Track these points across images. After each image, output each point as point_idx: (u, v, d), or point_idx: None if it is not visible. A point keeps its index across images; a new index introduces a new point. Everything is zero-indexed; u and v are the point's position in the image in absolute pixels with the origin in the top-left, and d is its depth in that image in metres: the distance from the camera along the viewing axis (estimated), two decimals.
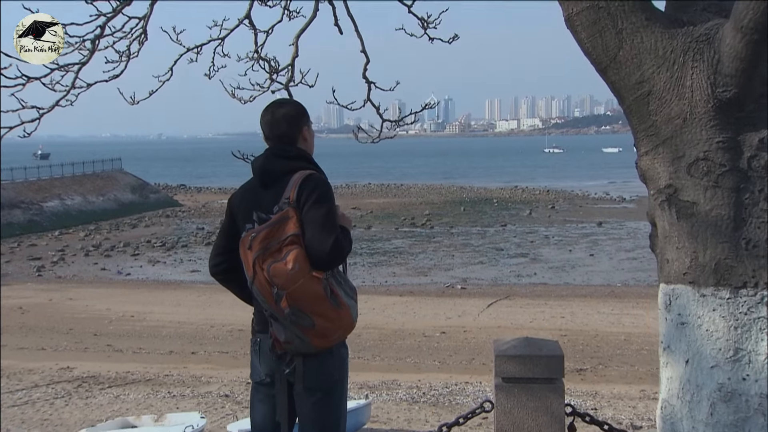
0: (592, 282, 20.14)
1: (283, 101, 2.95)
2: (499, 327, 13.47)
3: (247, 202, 2.74)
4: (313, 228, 2.54)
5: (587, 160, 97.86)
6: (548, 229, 31.09)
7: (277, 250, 2.54)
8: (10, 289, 17.78)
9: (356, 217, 36.21)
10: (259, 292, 2.57)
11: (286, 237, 2.54)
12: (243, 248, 2.62)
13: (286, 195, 2.61)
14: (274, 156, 2.74)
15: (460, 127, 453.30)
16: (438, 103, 4.62)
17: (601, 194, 46.92)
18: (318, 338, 2.57)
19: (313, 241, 2.53)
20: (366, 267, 22.83)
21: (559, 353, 3.41)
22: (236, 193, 2.85)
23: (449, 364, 10.48)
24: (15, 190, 35.31)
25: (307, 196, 2.59)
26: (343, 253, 2.61)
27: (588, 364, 10.59)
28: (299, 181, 2.62)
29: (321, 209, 2.57)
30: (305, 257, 2.52)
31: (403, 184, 57.31)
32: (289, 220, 2.56)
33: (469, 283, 19.82)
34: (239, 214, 2.75)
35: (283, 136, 2.79)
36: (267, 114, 2.82)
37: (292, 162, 2.71)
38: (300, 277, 2.50)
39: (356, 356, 10.68)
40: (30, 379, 7.90)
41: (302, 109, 2.86)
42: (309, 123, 2.88)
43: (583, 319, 14.19)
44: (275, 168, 2.71)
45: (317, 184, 2.62)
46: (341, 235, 2.60)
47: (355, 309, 2.68)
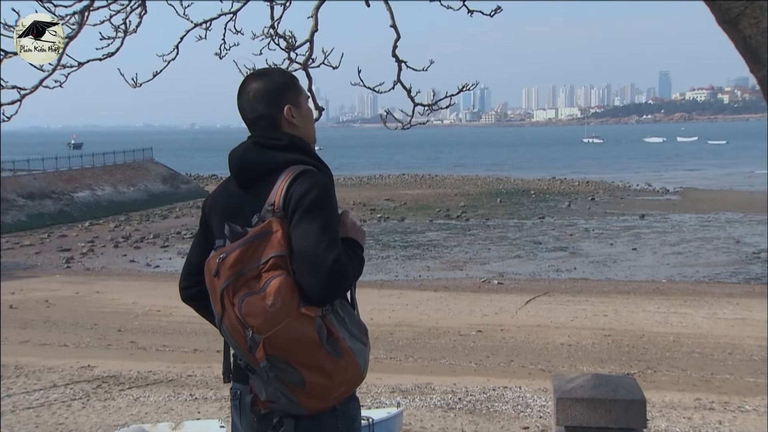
0: (635, 277, 19.33)
1: (259, 72, 2.17)
2: (538, 326, 12.89)
3: (222, 209, 2.07)
4: (304, 246, 1.85)
5: (628, 151, 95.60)
6: (588, 222, 30.20)
7: (254, 277, 1.86)
8: (38, 281, 17.78)
9: (390, 208, 35.74)
10: (230, 336, 1.90)
11: (266, 260, 1.86)
12: (208, 275, 1.94)
13: (271, 200, 1.93)
14: (256, 146, 2.04)
15: (496, 116, 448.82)
16: (477, 84, 4.02)
17: (644, 186, 45.58)
18: (311, 399, 1.88)
19: (304, 265, 1.84)
20: (399, 260, 22.34)
21: (640, 396, 2.71)
22: (210, 195, 2.18)
23: (486, 366, 9.94)
24: (46, 180, 35.65)
25: (298, 201, 1.89)
26: (347, 280, 1.89)
27: (635, 367, 9.94)
28: (288, 181, 1.94)
29: (315, 220, 1.87)
30: (292, 288, 1.84)
31: (438, 175, 56.55)
32: (271, 236, 1.88)
33: (506, 278, 19.20)
34: (213, 223, 2.09)
35: (260, 119, 2.08)
36: (239, 91, 2.12)
37: (281, 154, 2.00)
38: (283, 317, 1.81)
39: (389, 357, 10.24)
40: (49, 379, 7.61)
41: (283, 81, 2.12)
42: (298, 99, 2.12)
43: (627, 318, 13.52)
44: (257, 162, 2.01)
45: (313, 184, 1.91)
46: (345, 255, 1.90)
47: (364, 355, 1.96)
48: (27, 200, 32.75)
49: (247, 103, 2.09)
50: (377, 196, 41.56)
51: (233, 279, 1.86)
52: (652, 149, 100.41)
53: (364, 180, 54.13)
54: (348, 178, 55.83)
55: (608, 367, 9.99)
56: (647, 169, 61.08)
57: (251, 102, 2.07)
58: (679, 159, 76.01)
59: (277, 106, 2.07)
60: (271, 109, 2.06)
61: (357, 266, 1.98)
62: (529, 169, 63.23)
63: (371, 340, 2.09)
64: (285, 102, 2.08)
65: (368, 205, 36.84)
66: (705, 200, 36.84)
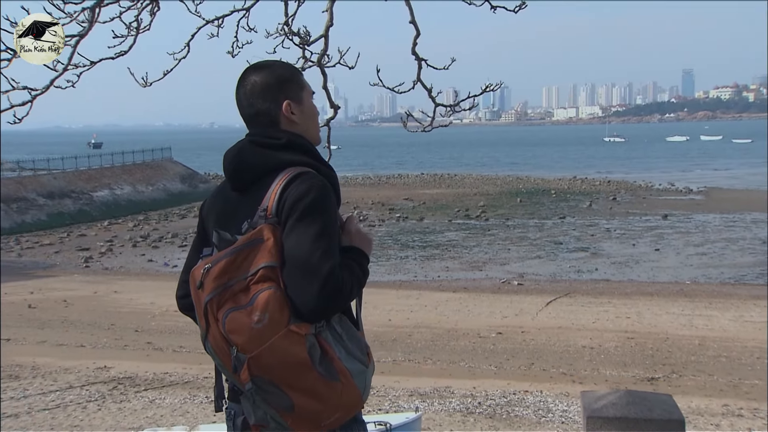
0: (658, 279, 19.01)
1: (259, 64, 1.98)
2: (559, 327, 12.68)
3: (216, 214, 1.93)
4: (296, 255, 1.69)
5: (651, 150, 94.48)
6: (610, 222, 29.81)
7: (242, 290, 1.70)
8: (56, 281, 17.90)
9: (408, 208, 35.58)
10: (215, 354, 1.76)
11: (255, 270, 1.69)
12: (192, 286, 1.79)
13: (264, 204, 1.77)
14: (252, 145, 1.88)
15: (516, 115, 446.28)
16: (500, 84, 3.86)
17: (666, 185, 44.98)
18: (301, 424, 1.71)
19: (295, 276, 1.68)
20: (418, 260, 22.19)
21: (678, 416, 2.48)
22: (208, 198, 2.03)
23: (506, 369, 9.77)
24: (66, 180, 35.95)
25: (292, 205, 1.73)
26: (343, 294, 1.71)
27: (660, 371, 9.71)
28: (282, 184, 1.77)
29: (310, 226, 1.70)
30: (282, 302, 1.67)
31: (457, 174, 56.27)
32: (262, 245, 1.71)
33: (527, 279, 18.97)
34: (209, 227, 1.94)
35: (258, 116, 1.91)
36: (237, 85, 1.96)
37: (279, 154, 1.84)
38: (270, 334, 1.65)
39: (407, 359, 10.11)
40: (65, 380, 7.58)
41: (284, 74, 1.94)
42: (299, 95, 1.94)
43: (650, 320, 13.27)
44: (252, 163, 1.85)
45: (309, 187, 1.74)
46: (341, 267, 1.72)
47: (364, 376, 1.76)
48: (47, 199, 33.08)
49: (244, 97, 1.92)
50: (396, 195, 41.40)
51: (218, 291, 1.71)
52: (675, 148, 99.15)
53: (382, 179, 54.02)
54: (366, 177, 55.78)
55: (632, 371, 9.77)
56: (670, 169, 60.31)
57: (249, 96, 1.91)
58: (702, 158, 74.94)
59: (276, 101, 1.90)
60: (270, 104, 1.90)
61: (358, 279, 1.79)
62: (549, 169, 62.72)
63: (389, 342, 1.94)
64: (285, 97, 1.91)
65: (387, 205, 36.71)
66: (730, 200, 36.21)
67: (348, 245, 1.85)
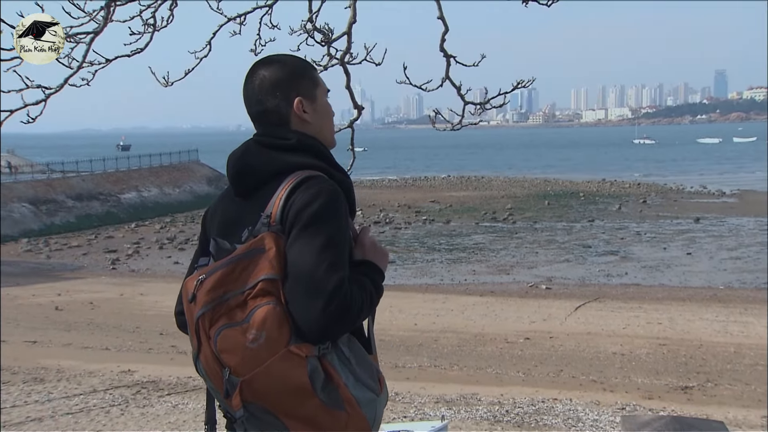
0: (690, 283, 18.58)
1: (269, 58, 1.79)
2: (589, 333, 12.43)
3: (219, 222, 1.75)
4: (299, 267, 1.51)
5: (682, 152, 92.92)
6: (640, 225, 29.31)
7: (239, 305, 1.52)
8: (83, 283, 18.07)
9: (435, 210, 35.38)
10: (207, 375, 1.59)
11: (254, 283, 1.52)
12: (185, 299, 1.62)
13: (267, 211, 1.60)
14: (258, 146, 1.72)
15: (544, 117, 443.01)
16: (533, 80, 3.70)
17: (698, 188, 44.17)
18: None
19: (297, 291, 1.50)
20: (444, 264, 22.00)
21: None
22: (211, 205, 1.87)
23: (534, 376, 9.56)
24: (94, 182, 36.39)
25: (297, 213, 1.56)
26: (351, 313, 1.51)
27: (694, 380, 9.41)
28: (289, 188, 1.60)
29: (317, 236, 1.52)
30: (282, 319, 1.50)
31: (484, 177, 55.88)
32: (262, 255, 1.54)
33: (555, 283, 18.69)
34: (212, 234, 1.78)
35: (266, 114, 1.73)
36: (245, 80, 1.78)
37: (287, 156, 1.67)
38: (266, 355, 1.48)
39: (433, 365, 9.95)
40: (89, 383, 7.56)
41: (296, 68, 1.75)
42: (313, 92, 1.76)
43: (683, 326, 12.94)
44: (257, 165, 1.68)
45: (317, 193, 1.57)
46: (350, 282, 1.53)
47: (374, 405, 1.58)
48: (75, 201, 33.54)
49: (252, 93, 1.74)
50: (422, 197, 41.21)
51: (212, 306, 1.54)
52: (707, 150, 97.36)
53: (409, 182, 53.89)
54: (393, 180, 55.72)
55: (664, 380, 9.49)
56: (702, 171, 59.18)
57: (257, 92, 1.73)
58: (736, 160, 73.39)
59: (286, 98, 1.72)
60: (280, 101, 1.72)
61: (370, 296, 1.59)
62: (577, 171, 62.01)
63: (415, 347, 1.78)
64: (297, 94, 1.72)
65: (413, 207, 36.55)
66: (764, 203, 35.33)
67: (361, 259, 1.67)
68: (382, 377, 1.65)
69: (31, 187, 32.39)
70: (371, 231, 1.77)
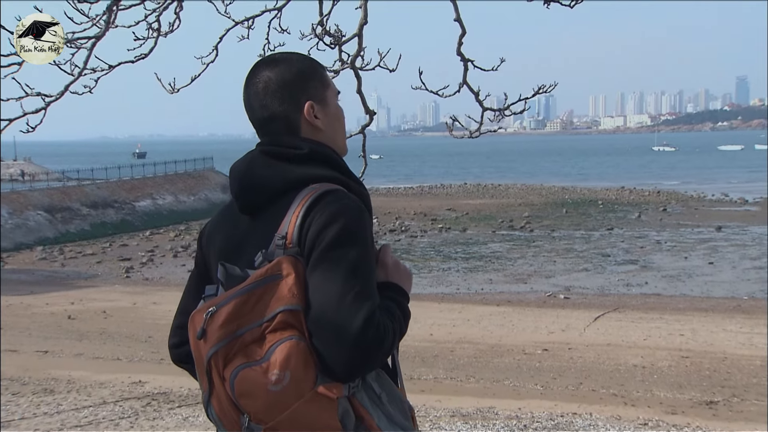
0: (713, 294, 18.19)
1: (273, 58, 1.61)
2: (608, 345, 12.15)
3: (220, 244, 1.56)
4: (323, 300, 1.34)
5: (702, 159, 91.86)
6: (660, 234, 28.86)
7: (255, 341, 1.35)
8: (97, 291, 18.01)
9: (451, 218, 35.13)
10: (220, 421, 1.42)
11: (272, 315, 1.35)
12: (192, 335, 1.42)
13: (282, 231, 1.42)
14: (265, 157, 1.52)
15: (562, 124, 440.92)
16: (555, 85, 3.53)
17: (720, 196, 43.51)
18: None
19: (322, 327, 1.33)
20: (460, 273, 21.76)
21: None
22: (209, 223, 1.66)
23: (553, 389, 9.32)
24: (109, 190, 36.38)
25: (317, 234, 1.38)
26: (384, 347, 1.35)
27: (719, 395, 9.11)
28: (305, 205, 1.42)
29: (340, 262, 1.35)
30: (307, 357, 1.34)
31: (501, 185, 55.51)
32: (280, 282, 1.37)
33: (573, 293, 18.39)
34: (212, 262, 1.58)
35: (272, 121, 1.54)
36: (245, 82, 1.59)
37: (299, 168, 1.49)
38: (292, 399, 1.32)
39: (449, 376, 9.75)
40: (99, 395, 7.45)
41: (304, 68, 1.56)
42: (324, 94, 1.58)
43: (706, 338, 12.61)
44: (265, 179, 1.49)
45: (338, 211, 1.40)
46: (382, 310, 1.38)
47: None
48: (90, 209, 33.51)
49: (255, 98, 1.55)
50: (439, 205, 40.98)
51: (225, 342, 1.35)
52: (729, 157, 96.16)
53: (425, 189, 53.67)
54: (409, 187, 55.54)
55: (688, 394, 9.21)
56: (723, 179, 58.36)
57: (261, 97, 1.54)
58: (758, 168, 72.28)
59: (295, 102, 1.53)
60: (288, 106, 1.53)
61: (400, 324, 1.44)
62: (596, 179, 61.49)
63: (431, 358, 1.61)
64: (307, 97, 1.54)
65: (429, 215, 36.34)
66: None
67: (384, 281, 1.50)
68: (414, 413, 1.51)
69: (46, 195, 32.44)
70: (391, 249, 1.60)
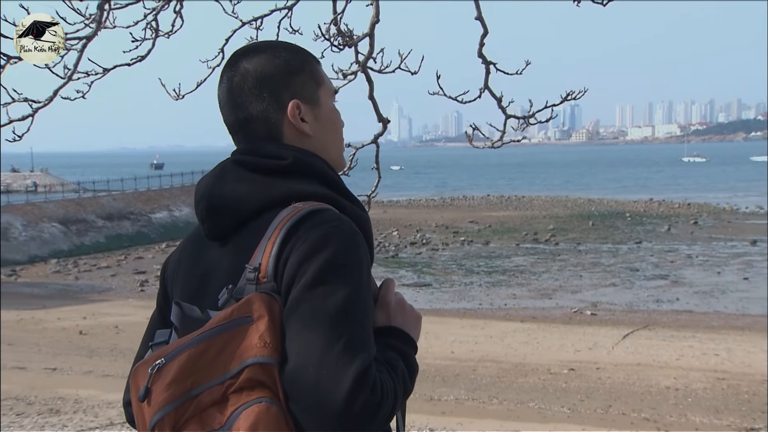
0: (749, 311, 17.53)
1: (251, 47, 1.29)
2: (639, 365, 11.68)
3: (184, 277, 1.26)
4: (302, 352, 1.03)
5: (735, 170, 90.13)
6: (691, 248, 28.16)
7: (215, 403, 1.05)
8: (110, 306, 17.78)
9: (473, 231, 34.66)
10: None
11: (237, 370, 1.05)
12: (133, 395, 1.10)
13: (254, 262, 1.12)
14: (238, 169, 1.22)
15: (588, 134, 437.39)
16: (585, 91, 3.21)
17: (754, 208, 42.47)
18: None
19: (301, 385, 1.02)
20: (483, 287, 21.33)
21: None
22: (174, 252, 1.35)
23: (581, 413, 8.90)
24: (125, 201, 36.05)
25: (297, 267, 1.08)
26: (380, 410, 1.03)
27: (760, 421, 8.63)
28: (285, 229, 1.11)
29: (327, 300, 1.05)
30: (281, 425, 1.03)
31: (525, 196, 54.87)
32: (250, 327, 1.06)
33: (600, 308, 17.88)
34: (175, 295, 1.28)
35: (249, 123, 1.24)
36: (220, 75, 1.28)
37: (280, 182, 1.18)
38: None
39: (470, 397, 9.38)
40: (107, 415, 7.21)
41: (291, 60, 1.25)
42: (314, 93, 1.27)
43: (743, 359, 12.06)
44: (238, 196, 1.19)
45: (323, 238, 1.09)
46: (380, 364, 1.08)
47: None
48: (106, 221, 33.17)
49: (228, 94, 1.25)
50: (461, 217, 40.52)
51: (174, 406, 1.04)
52: (762, 169, 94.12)
53: (447, 201, 53.24)
54: (430, 199, 55.16)
55: (726, 419, 8.72)
56: (757, 191, 56.94)
57: (236, 93, 1.24)
58: None
59: (277, 100, 1.23)
60: (268, 105, 1.23)
61: (403, 381, 1.12)
62: (623, 190, 60.53)
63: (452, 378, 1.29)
64: (292, 95, 1.24)
65: (451, 228, 35.93)
66: None
67: (385, 325, 1.19)
68: None
69: (61, 207, 32.25)
70: (395, 285, 1.25)
